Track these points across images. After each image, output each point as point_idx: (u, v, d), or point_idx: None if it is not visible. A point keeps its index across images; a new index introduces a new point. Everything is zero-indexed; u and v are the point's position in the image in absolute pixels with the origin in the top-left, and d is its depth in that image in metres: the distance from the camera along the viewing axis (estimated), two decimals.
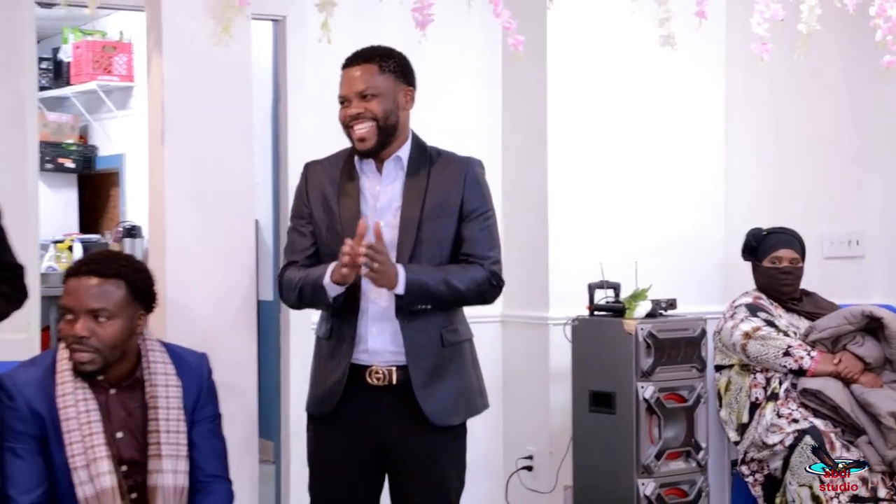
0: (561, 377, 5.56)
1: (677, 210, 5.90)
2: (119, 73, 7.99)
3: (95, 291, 3.31)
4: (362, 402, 3.71)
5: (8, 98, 4.81)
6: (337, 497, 3.81)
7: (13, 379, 3.36)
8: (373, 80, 3.66)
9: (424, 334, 3.70)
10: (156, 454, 3.36)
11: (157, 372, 3.43)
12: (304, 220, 3.81)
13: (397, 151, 3.74)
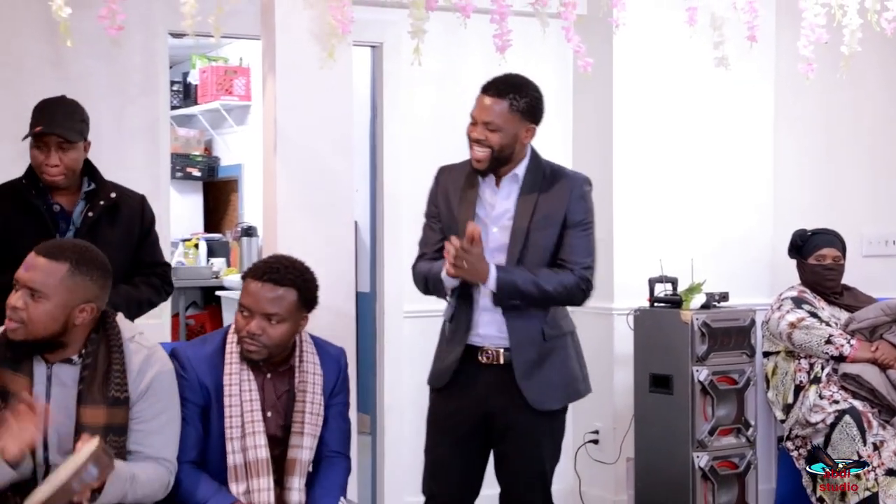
0: (624, 361, 5.56)
1: (730, 213, 5.86)
2: (238, 93, 8.07)
3: (271, 297, 3.33)
4: (472, 377, 3.74)
5: (145, 116, 4.90)
6: (448, 458, 3.82)
7: (187, 353, 3.41)
8: (500, 116, 3.62)
9: (527, 329, 3.71)
10: (298, 431, 3.39)
11: (307, 361, 3.47)
12: (435, 219, 3.83)
13: (514, 170, 3.74)
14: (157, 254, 4.01)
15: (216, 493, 3.28)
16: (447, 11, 3.86)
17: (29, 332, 3.05)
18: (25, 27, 4.62)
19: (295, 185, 4.11)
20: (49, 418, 3.06)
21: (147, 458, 3.15)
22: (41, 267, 3.06)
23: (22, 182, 3.82)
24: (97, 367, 3.13)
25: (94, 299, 3.12)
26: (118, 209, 3.88)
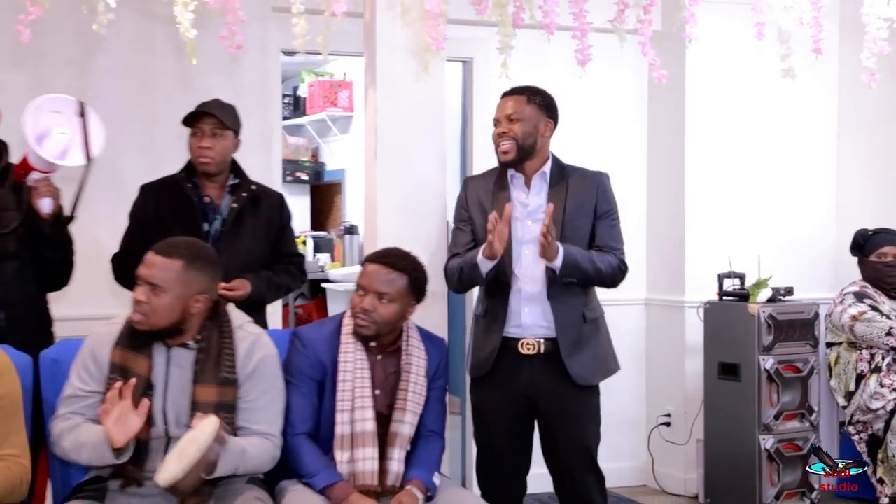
0: (694, 350, 5.51)
1: (795, 213, 5.80)
2: (342, 105, 8.13)
3: (385, 279, 3.38)
4: (513, 366, 3.74)
5: (259, 126, 4.95)
6: (496, 443, 3.83)
7: (307, 334, 3.46)
8: (520, 107, 3.74)
9: (570, 313, 3.72)
10: (401, 408, 3.40)
11: (413, 346, 3.48)
12: (465, 222, 3.85)
13: (541, 168, 3.78)
14: (293, 246, 4.07)
15: (324, 469, 3.29)
16: (532, 28, 3.86)
17: (151, 322, 3.11)
18: (157, 47, 4.70)
19: (393, 188, 4.13)
20: (167, 397, 3.13)
21: (254, 433, 3.18)
22: (159, 264, 3.11)
23: (181, 174, 3.87)
24: (210, 351, 3.18)
25: (206, 290, 3.17)
26: (259, 202, 3.92)
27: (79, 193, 3.64)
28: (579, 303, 3.75)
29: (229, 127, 3.85)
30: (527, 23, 3.82)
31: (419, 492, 3.29)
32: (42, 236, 3.62)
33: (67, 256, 3.75)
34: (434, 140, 4.21)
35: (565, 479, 3.82)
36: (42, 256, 3.66)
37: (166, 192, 3.87)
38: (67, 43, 4.45)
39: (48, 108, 3.55)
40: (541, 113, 3.76)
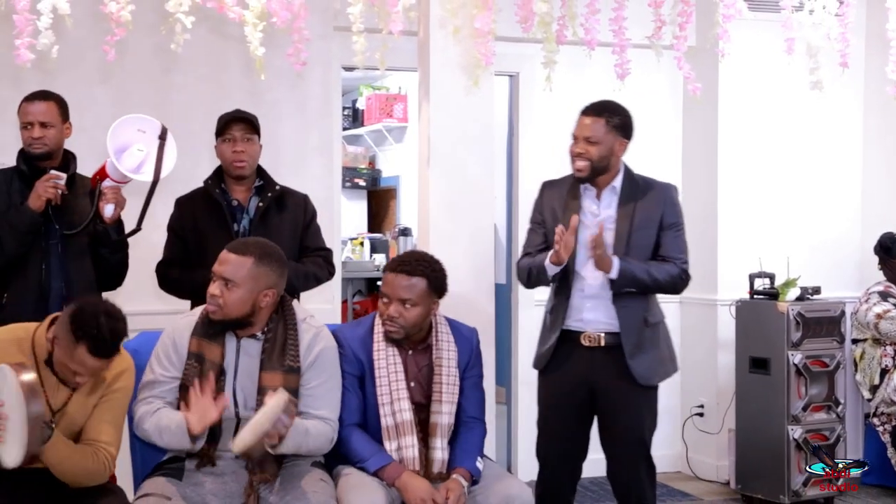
0: (726, 346, 5.49)
1: (822, 217, 5.76)
2: (398, 116, 8.17)
3: (405, 285, 3.37)
4: (574, 358, 3.73)
5: (321, 136, 5.00)
6: (557, 430, 3.82)
7: (344, 334, 3.47)
8: (598, 131, 3.65)
9: (633, 316, 3.70)
10: (437, 399, 3.41)
11: (442, 340, 3.48)
12: (539, 224, 3.84)
13: (612, 182, 3.74)
14: (320, 241, 4.05)
15: (376, 454, 3.32)
16: (575, 45, 3.86)
17: (225, 314, 3.16)
18: (229, 64, 4.75)
19: (444, 193, 4.15)
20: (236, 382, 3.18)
21: (314, 417, 3.22)
22: (231, 261, 3.16)
23: (209, 182, 3.89)
24: (276, 341, 3.22)
25: (274, 286, 3.21)
26: (284, 202, 3.92)
27: (145, 208, 3.71)
28: (641, 308, 3.73)
29: (257, 131, 3.88)
30: (569, 39, 3.82)
31: (464, 479, 3.30)
32: (103, 239, 3.71)
33: (123, 260, 3.82)
34: (482, 148, 4.21)
35: (619, 467, 3.80)
36: (101, 257, 3.74)
37: (198, 200, 3.89)
38: (148, 61, 4.51)
39: (134, 126, 3.62)
40: (617, 135, 3.68)
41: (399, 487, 3.26)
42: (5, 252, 3.58)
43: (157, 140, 3.64)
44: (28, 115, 3.68)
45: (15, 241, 3.58)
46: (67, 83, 3.89)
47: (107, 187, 3.64)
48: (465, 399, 3.48)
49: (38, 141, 3.66)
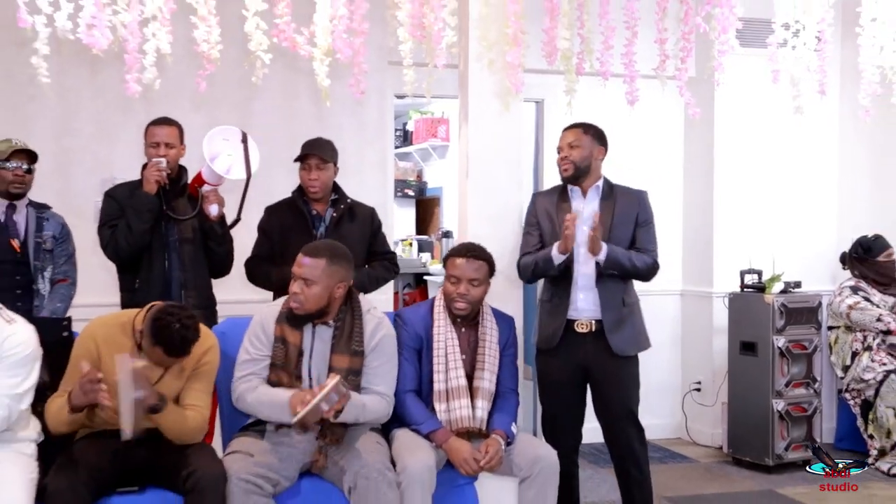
0: (720, 331, 5.45)
1: (803, 222, 5.71)
2: (441, 136, 8.16)
3: (473, 267, 3.42)
4: (571, 341, 3.74)
5: (376, 154, 5.02)
6: (557, 403, 3.83)
7: (408, 314, 3.50)
8: (578, 137, 3.78)
9: (613, 297, 3.73)
10: (481, 368, 3.43)
11: (487, 321, 3.50)
12: (534, 227, 3.86)
13: (595, 184, 3.80)
14: (386, 246, 4.10)
15: (428, 419, 3.33)
16: (592, 76, 3.85)
17: (306, 309, 3.19)
18: (300, 94, 4.79)
19: (480, 202, 4.13)
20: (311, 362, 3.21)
21: (373, 392, 3.24)
22: (308, 263, 3.18)
23: (295, 194, 3.93)
24: (345, 329, 3.25)
25: (344, 279, 3.23)
26: (354, 213, 3.95)
27: (242, 201, 3.76)
28: (620, 290, 3.75)
29: (329, 160, 3.90)
30: (587, 71, 3.82)
31: (501, 438, 3.31)
32: (211, 234, 3.75)
33: (229, 251, 3.86)
34: (513, 164, 4.19)
35: (612, 432, 3.80)
36: (210, 250, 3.79)
37: (285, 209, 3.93)
38: (233, 91, 4.55)
39: (220, 136, 3.68)
40: (595, 142, 3.79)
41: (446, 449, 3.27)
42: (133, 230, 3.64)
43: (240, 144, 3.69)
44: (155, 136, 3.75)
45: (138, 220, 3.64)
46: (166, 110, 3.92)
47: (207, 191, 3.70)
48: (502, 373, 3.50)
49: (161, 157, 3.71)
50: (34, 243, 3.73)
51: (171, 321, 2.91)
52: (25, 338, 2.92)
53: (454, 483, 3.27)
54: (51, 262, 3.77)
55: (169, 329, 2.90)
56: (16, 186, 3.71)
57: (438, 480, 3.17)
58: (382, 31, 3.67)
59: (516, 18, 3.60)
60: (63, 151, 4.50)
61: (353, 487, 3.05)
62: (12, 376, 2.86)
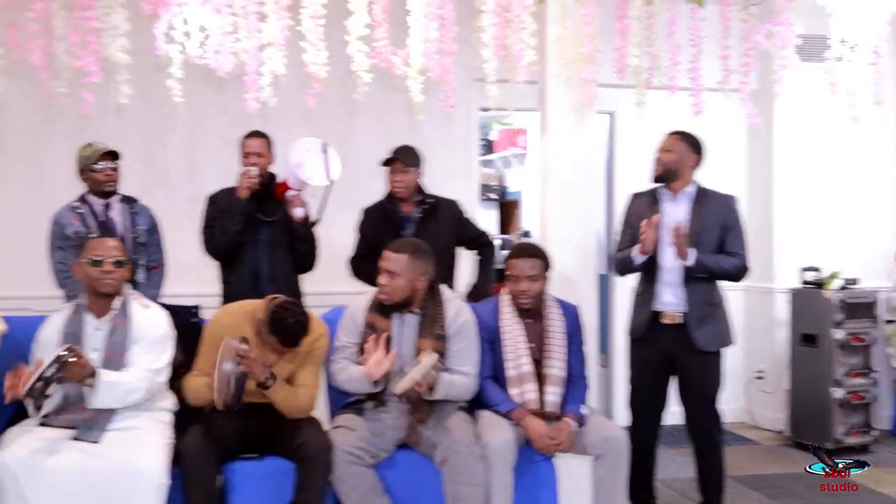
0: (781, 324, 5.35)
1: (860, 222, 5.56)
2: (521, 145, 8.13)
3: (531, 265, 3.41)
4: (658, 333, 3.71)
5: (463, 161, 5.07)
6: (644, 388, 3.80)
7: (477, 310, 3.49)
8: (673, 144, 3.72)
9: (698, 298, 3.66)
10: (548, 356, 3.41)
11: (552, 311, 3.48)
12: (629, 227, 3.81)
13: (686, 189, 3.72)
14: (475, 229, 4.13)
15: (505, 400, 3.35)
16: (660, 89, 3.83)
17: (392, 299, 3.26)
18: (394, 108, 4.87)
19: (557, 204, 4.14)
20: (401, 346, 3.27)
21: (458, 372, 3.29)
22: (392, 258, 3.25)
23: (385, 198, 4.02)
24: (428, 315, 3.30)
25: (426, 273, 3.29)
26: (437, 209, 4.00)
27: (322, 204, 3.86)
28: (706, 290, 3.68)
29: (411, 165, 3.95)
30: (655, 85, 3.80)
31: (572, 421, 3.32)
32: (295, 234, 3.86)
33: (312, 249, 3.95)
34: (587, 170, 4.19)
35: (692, 417, 3.76)
36: (295, 248, 3.90)
37: (378, 211, 4.00)
38: (336, 107, 4.59)
39: (304, 147, 3.79)
40: (688, 149, 3.72)
41: (523, 426, 3.29)
42: (227, 231, 3.78)
43: (322, 154, 3.79)
44: (247, 147, 3.89)
45: (232, 222, 3.77)
46: (279, 125, 4.06)
47: (291, 195, 3.82)
48: (571, 359, 3.48)
49: (253, 166, 3.84)
50: (130, 238, 3.80)
51: (286, 316, 3.01)
52: (159, 320, 3.09)
53: (533, 459, 3.29)
54: (145, 252, 3.84)
55: (284, 323, 3.01)
56: (108, 185, 3.80)
57: (518, 456, 3.20)
58: (469, 51, 3.71)
59: (590, 39, 3.62)
60: (192, 162, 4.70)
61: (444, 460, 3.11)
62: (150, 353, 3.02)
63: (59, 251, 3.77)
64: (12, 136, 4.65)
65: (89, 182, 3.82)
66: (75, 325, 3.03)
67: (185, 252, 4.25)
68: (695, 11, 3.66)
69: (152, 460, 2.83)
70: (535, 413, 3.33)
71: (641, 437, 3.77)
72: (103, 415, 2.93)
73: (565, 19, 3.75)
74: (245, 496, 3.01)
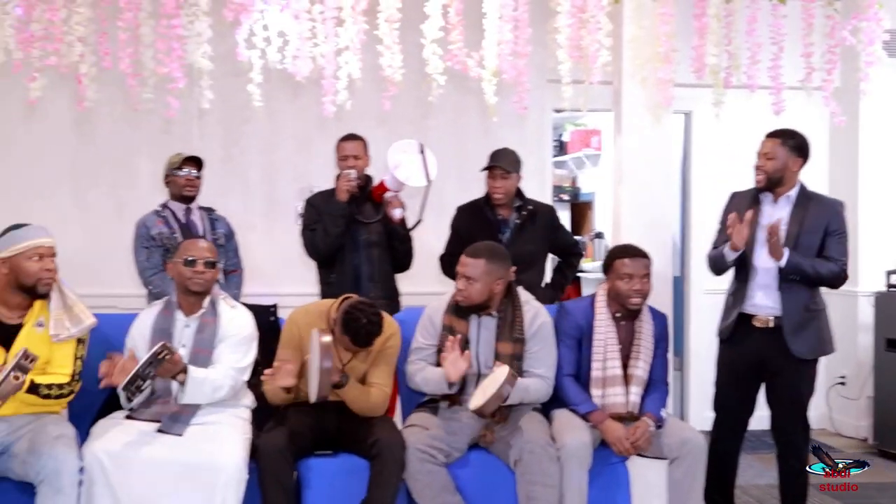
0: (865, 329, 5.17)
1: None
2: (594, 146, 8.06)
3: (644, 263, 3.38)
4: (747, 334, 3.59)
5: (536, 162, 5.03)
6: (730, 391, 3.69)
7: (570, 305, 3.49)
8: (774, 149, 3.57)
9: (796, 302, 3.53)
10: (636, 357, 3.37)
11: (644, 316, 3.44)
12: (725, 226, 3.70)
13: (788, 193, 3.60)
14: (569, 238, 4.15)
15: (586, 401, 3.33)
16: (739, 88, 3.74)
17: (470, 301, 3.28)
18: (468, 110, 4.89)
19: (632, 206, 4.09)
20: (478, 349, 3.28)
21: (534, 375, 3.28)
22: (469, 264, 3.27)
23: (482, 200, 4.03)
24: (506, 318, 3.31)
25: (503, 276, 3.29)
26: (535, 216, 3.99)
27: (423, 205, 3.89)
28: (804, 295, 3.54)
29: (512, 171, 3.95)
30: (734, 83, 3.71)
31: (651, 421, 3.28)
32: (395, 235, 3.90)
33: (409, 249, 3.99)
34: (662, 171, 4.12)
35: (780, 423, 3.64)
36: (394, 248, 3.94)
37: (473, 212, 4.01)
38: (411, 109, 4.65)
39: (401, 149, 3.83)
40: (791, 153, 3.57)
41: (602, 429, 3.27)
42: (329, 233, 3.84)
43: (419, 154, 3.82)
44: (344, 150, 3.95)
45: (333, 225, 3.83)
46: (354, 127, 4.11)
47: (390, 197, 3.86)
48: (655, 364, 3.44)
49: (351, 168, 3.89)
50: (211, 241, 3.85)
51: (359, 316, 3.05)
52: (246, 321, 3.18)
53: (608, 461, 3.27)
54: (223, 256, 3.92)
55: (357, 323, 3.05)
56: (188, 190, 3.92)
57: (593, 458, 3.18)
58: (543, 52, 3.70)
59: (667, 38, 3.56)
60: (269, 164, 4.80)
61: (518, 460, 3.11)
62: (235, 352, 3.11)
63: (145, 251, 3.91)
64: (100, 141, 4.82)
65: (171, 186, 3.96)
66: (166, 322, 3.15)
67: (260, 253, 4.35)
68: (776, 8, 3.57)
69: (232, 455, 2.90)
70: (615, 416, 3.30)
71: (724, 440, 3.69)
72: (188, 409, 3.03)
73: (641, 19, 3.70)
74: (320, 492, 3.06)
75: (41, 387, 2.90)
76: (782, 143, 3.56)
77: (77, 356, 3.01)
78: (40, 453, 2.76)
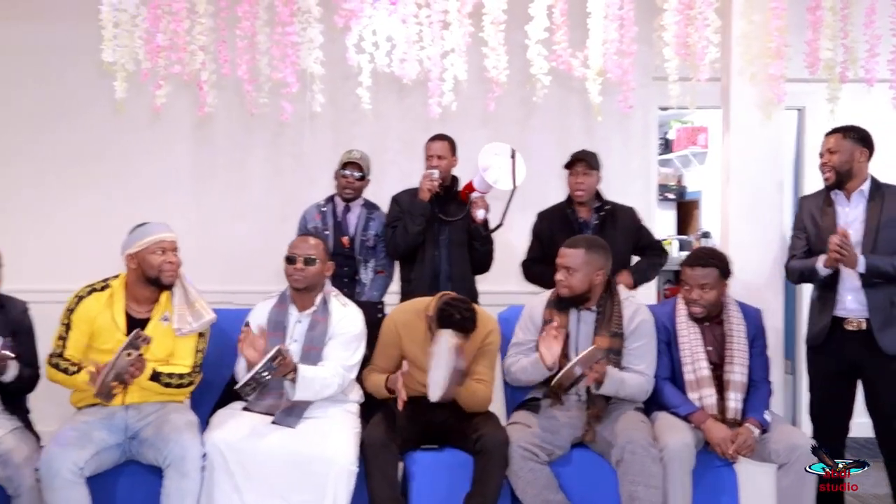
0: None
1: None
2: (700, 144, 7.90)
3: (701, 274, 3.33)
4: (840, 340, 3.49)
5: (641, 161, 4.94)
6: (825, 397, 3.59)
7: (654, 311, 3.45)
8: (837, 143, 3.53)
9: (881, 299, 3.43)
10: (729, 361, 3.33)
11: (732, 315, 3.39)
12: (801, 231, 3.65)
13: (860, 187, 3.51)
14: (651, 237, 4.09)
15: (685, 402, 3.30)
16: (855, 82, 3.61)
17: (571, 291, 3.29)
18: (572, 110, 4.85)
19: (741, 205, 3.98)
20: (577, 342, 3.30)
21: (633, 371, 3.27)
22: (568, 254, 3.29)
23: (563, 203, 4.03)
24: (605, 313, 3.31)
25: (602, 267, 3.30)
26: (615, 216, 3.97)
27: (506, 209, 3.90)
28: (888, 291, 3.44)
29: (594, 168, 3.92)
30: (851, 77, 3.58)
31: (755, 427, 3.21)
32: (475, 235, 3.93)
33: (489, 251, 4.00)
34: (772, 169, 4.00)
35: (882, 428, 3.51)
36: (474, 249, 3.96)
37: (554, 215, 4.00)
38: (514, 110, 4.70)
39: (492, 151, 3.85)
40: (856, 144, 3.50)
41: (704, 430, 3.23)
42: (408, 231, 3.89)
43: (509, 159, 3.84)
44: (430, 149, 4.01)
45: (412, 223, 3.88)
46: (459, 128, 4.16)
47: (476, 197, 3.89)
48: (753, 364, 3.37)
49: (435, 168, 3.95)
50: (360, 241, 4.01)
51: (453, 312, 3.11)
52: (356, 319, 3.28)
53: (712, 464, 3.21)
54: (373, 256, 4.02)
55: (452, 318, 3.11)
56: (347, 192, 4.04)
57: (698, 461, 3.13)
58: (649, 50, 3.66)
59: (779, 33, 3.46)
60: (376, 165, 4.89)
61: (620, 460, 3.09)
62: (345, 350, 3.21)
63: None
64: (218, 145, 5.04)
65: (337, 183, 4.07)
66: (280, 315, 3.28)
67: None
68: None
69: (342, 449, 3.00)
70: (715, 418, 3.25)
71: (825, 446, 3.56)
72: (300, 404, 3.15)
73: (751, 14, 3.62)
74: (425, 485, 3.12)
75: (163, 375, 3.07)
76: (844, 136, 3.51)
77: (198, 349, 3.18)
78: (167, 439, 2.93)
